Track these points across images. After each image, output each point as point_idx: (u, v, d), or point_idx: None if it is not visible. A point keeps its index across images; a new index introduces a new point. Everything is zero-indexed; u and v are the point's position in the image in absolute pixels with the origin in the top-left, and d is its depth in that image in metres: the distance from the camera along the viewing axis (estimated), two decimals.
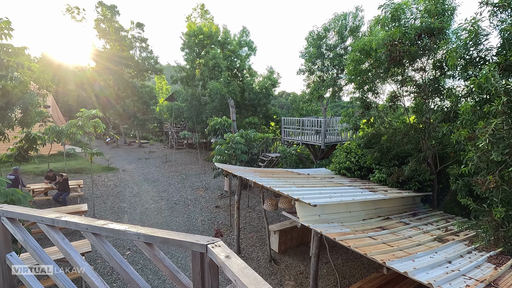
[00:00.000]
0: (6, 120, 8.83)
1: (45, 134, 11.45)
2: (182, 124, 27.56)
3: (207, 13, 26.98)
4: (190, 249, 1.40)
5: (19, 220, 1.88)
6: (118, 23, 25.29)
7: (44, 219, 1.67)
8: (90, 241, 1.60)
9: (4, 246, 1.80)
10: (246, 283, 1.04)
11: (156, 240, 1.47)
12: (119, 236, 1.56)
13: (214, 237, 8.70)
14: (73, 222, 1.61)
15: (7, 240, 1.80)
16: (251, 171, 8.54)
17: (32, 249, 1.72)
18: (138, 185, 15.66)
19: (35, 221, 1.67)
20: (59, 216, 1.66)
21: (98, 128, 11.50)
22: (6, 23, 6.46)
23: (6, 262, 1.80)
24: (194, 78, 22.53)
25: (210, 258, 1.35)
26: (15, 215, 1.75)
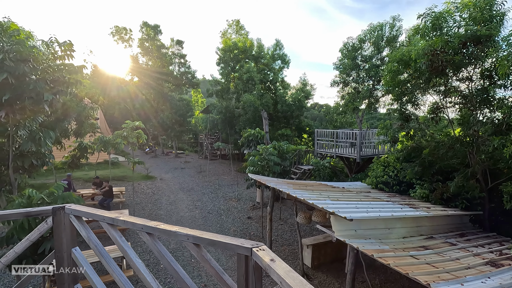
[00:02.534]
0: (63, 131, 9.85)
1: (94, 143, 12.53)
2: (216, 135, 28.40)
3: (241, 28, 27.99)
4: (235, 252, 1.49)
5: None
6: (160, 41, 27.21)
7: (106, 218, 1.88)
8: (144, 240, 1.76)
9: (70, 241, 2.04)
10: (292, 285, 1.09)
11: (203, 242, 1.58)
12: (170, 236, 1.70)
13: None
14: (130, 222, 1.79)
15: (73, 236, 2.04)
16: (284, 183, 8.53)
17: (94, 245, 1.93)
18: (174, 193, 16.31)
19: (98, 219, 1.88)
20: (118, 216, 1.85)
21: (140, 138, 12.33)
22: (69, 45, 7.33)
23: (71, 255, 2.03)
24: (228, 91, 23.30)
25: (255, 260, 1.42)
26: (81, 213, 1.98)
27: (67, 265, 2.04)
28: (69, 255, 2.02)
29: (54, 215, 2.01)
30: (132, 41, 28.17)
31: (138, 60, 28.72)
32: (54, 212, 2.02)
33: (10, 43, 6.33)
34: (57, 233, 2.02)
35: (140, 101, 27.94)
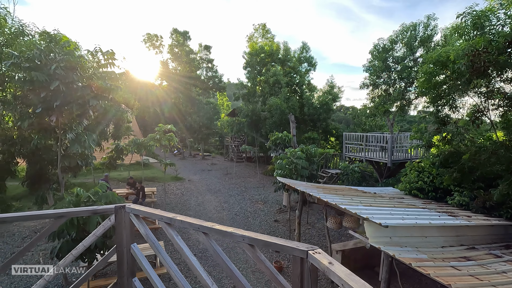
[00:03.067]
0: (103, 134, 10.52)
1: (129, 146, 13.21)
2: (242, 138, 28.75)
3: (268, 32, 28.20)
4: (291, 254, 1.56)
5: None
6: (188, 47, 28.15)
7: (164, 217, 2.04)
8: (200, 239, 1.89)
9: (130, 237, 2.23)
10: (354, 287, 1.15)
11: (259, 243, 1.67)
12: (225, 237, 1.81)
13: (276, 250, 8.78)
14: (187, 222, 1.93)
15: (132, 233, 2.22)
16: (313, 187, 8.49)
17: (151, 241, 2.10)
18: (202, 195, 16.73)
19: (156, 218, 2.05)
20: (175, 216, 2.00)
21: (172, 141, 12.83)
22: (111, 54, 7.86)
23: (130, 251, 2.22)
24: (254, 94, 23.55)
25: (311, 263, 1.49)
26: (140, 212, 2.16)
27: (126, 260, 2.23)
28: (128, 250, 2.21)
29: (116, 213, 2.21)
30: (163, 47, 29.39)
31: (168, 66, 29.88)
32: (116, 210, 2.22)
33: (62, 54, 6.93)
34: (118, 230, 2.22)
35: (169, 105, 29.03)
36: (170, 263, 2.07)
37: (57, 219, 2.07)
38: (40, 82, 6.57)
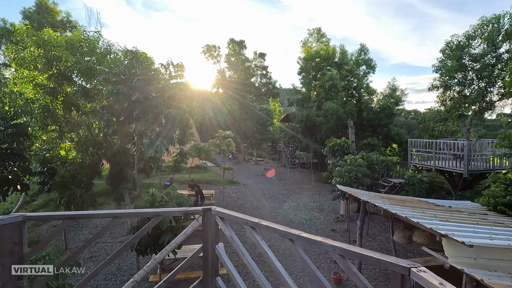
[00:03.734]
0: (170, 139, 11.50)
1: (191, 150, 14.16)
2: (295, 144, 28.55)
3: (323, 36, 27.71)
4: (389, 269, 1.50)
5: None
6: (244, 55, 29.20)
7: (249, 222, 2.14)
8: (288, 246, 1.93)
9: (215, 238, 2.39)
10: None
11: (351, 255, 1.64)
12: (314, 245, 1.82)
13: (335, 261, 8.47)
14: (273, 228, 1.99)
15: (217, 234, 2.38)
16: (378, 197, 7.98)
17: (236, 244, 2.22)
18: (257, 199, 17.00)
19: (242, 222, 2.16)
20: (260, 221, 2.09)
21: (230, 146, 13.41)
22: (180, 66, 8.59)
23: (215, 251, 2.38)
24: (309, 100, 23.25)
25: (415, 281, 1.41)
26: (225, 215, 2.31)
27: (211, 259, 2.39)
28: (213, 250, 2.37)
29: (203, 215, 2.40)
30: (220, 57, 30.96)
31: (225, 74, 31.36)
32: (204, 212, 2.40)
33: (141, 68, 7.83)
34: (204, 231, 2.40)
35: (224, 112, 30.41)
36: (254, 266, 2.16)
37: (156, 217, 2.33)
38: (123, 94, 7.50)
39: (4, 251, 2.17)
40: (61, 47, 8.58)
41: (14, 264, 2.19)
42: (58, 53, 8.55)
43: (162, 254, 2.41)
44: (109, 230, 11.25)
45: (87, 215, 2.43)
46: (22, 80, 9.23)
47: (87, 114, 9.61)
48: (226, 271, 2.55)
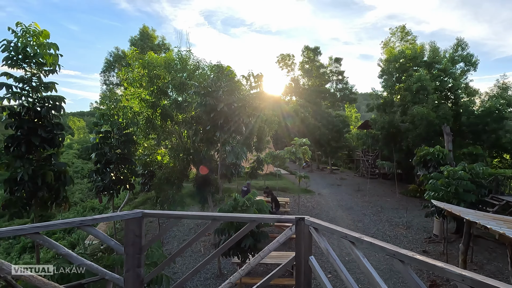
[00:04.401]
0: (248, 146, 12.02)
1: (267, 157, 14.48)
2: (375, 152, 26.41)
3: (408, 34, 25.15)
4: None
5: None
6: (319, 62, 28.69)
7: (348, 236, 2.00)
8: (397, 267, 1.73)
9: (308, 249, 2.33)
10: None
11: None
12: (434, 271, 1.57)
13: None
14: (378, 246, 1.82)
15: (310, 246, 2.32)
16: (488, 218, 6.63)
17: (332, 258, 2.11)
18: (333, 210, 16.23)
19: (340, 236, 2.05)
20: (361, 236, 1.93)
21: (306, 154, 13.21)
22: (260, 77, 8.94)
23: (308, 263, 2.32)
24: (392, 104, 21.25)
25: None
26: (320, 227, 2.23)
27: (304, 271, 2.33)
28: (306, 261, 2.32)
29: (296, 224, 2.37)
30: (294, 65, 31.14)
31: (299, 82, 31.36)
32: (297, 221, 2.37)
33: (225, 81, 8.46)
34: (297, 241, 2.37)
35: (298, 119, 30.27)
36: (353, 284, 2.00)
37: (251, 223, 2.42)
38: (210, 105, 8.20)
39: (128, 242, 2.57)
40: (160, 66, 9.95)
41: (135, 253, 2.56)
42: (158, 72, 9.94)
43: (256, 259, 2.46)
44: (209, 231, 12.32)
45: (191, 216, 2.68)
46: (131, 96, 11.03)
47: (179, 124, 10.84)
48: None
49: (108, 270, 2.46)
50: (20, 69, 6.42)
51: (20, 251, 15.87)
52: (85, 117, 73.67)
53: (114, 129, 8.57)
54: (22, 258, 14.50)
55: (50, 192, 6.56)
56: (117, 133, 8.92)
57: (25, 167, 6.23)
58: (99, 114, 8.92)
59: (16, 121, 6.27)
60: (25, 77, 6.36)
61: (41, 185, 6.34)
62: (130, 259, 2.55)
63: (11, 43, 6.15)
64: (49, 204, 6.76)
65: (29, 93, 6.47)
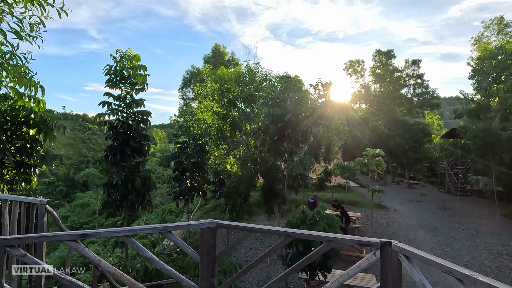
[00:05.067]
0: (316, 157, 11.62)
1: (335, 168, 13.75)
2: (466, 165, 22.72)
3: (507, 26, 21.27)
4: None
5: None
6: (393, 66, 26.40)
7: (454, 271, 1.64)
8: None
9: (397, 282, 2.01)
10: None
11: None
12: None
13: None
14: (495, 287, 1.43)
15: (400, 278, 2.00)
16: None
17: None
18: (413, 230, 14.38)
19: (443, 270, 1.69)
20: (474, 274, 1.55)
21: (380, 166, 12.09)
22: (329, 85, 8.61)
23: None
24: (488, 109, 18.05)
25: None
26: (413, 255, 1.90)
27: None
28: None
29: (382, 249, 2.08)
30: (364, 71, 29.36)
31: (369, 88, 29.37)
32: (382, 246, 2.08)
33: (293, 90, 8.40)
34: (383, 270, 2.07)
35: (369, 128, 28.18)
36: None
37: (328, 243, 2.22)
38: (278, 115, 8.21)
39: (203, 251, 2.64)
40: (231, 80, 10.49)
41: (210, 263, 2.62)
42: (228, 85, 10.49)
43: (333, 284, 2.24)
44: (281, 247, 12.36)
45: (264, 230, 2.61)
46: (204, 109, 11.89)
47: (247, 134, 11.18)
48: None
49: (182, 271, 2.57)
50: (117, 88, 7.54)
51: (114, 245, 18.40)
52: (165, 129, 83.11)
53: (190, 140, 9.30)
54: (115, 251, 16.74)
55: (138, 196, 7.42)
56: (192, 143, 9.67)
57: (119, 173, 7.20)
58: (178, 126, 9.83)
59: (114, 133, 7.33)
60: (121, 96, 7.45)
61: (131, 189, 7.22)
62: (205, 268, 2.61)
63: (112, 67, 7.29)
64: (136, 206, 7.65)
65: (124, 109, 7.52)
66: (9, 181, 5.46)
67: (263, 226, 2.75)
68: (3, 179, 5.35)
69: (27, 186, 5.72)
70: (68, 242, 2.25)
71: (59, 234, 2.23)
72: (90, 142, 70.66)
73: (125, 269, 5.55)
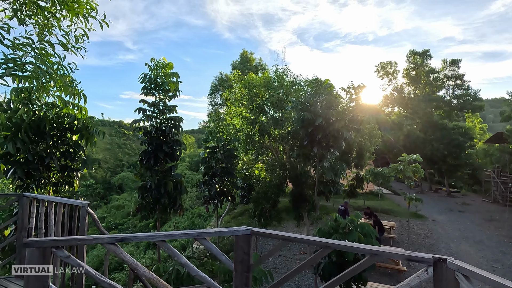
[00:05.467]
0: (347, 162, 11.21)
1: (367, 175, 13.16)
2: None
3: None
4: None
5: None
6: (429, 67, 24.97)
7: None
8: None
9: None
10: None
11: None
12: None
13: None
14: None
15: None
16: None
17: None
18: (455, 242, 13.31)
19: None
20: None
21: (417, 173, 11.35)
22: (362, 87, 8.28)
23: None
24: None
25: None
26: (474, 275, 1.68)
27: None
28: None
29: (434, 266, 1.88)
30: (397, 73, 28.09)
31: (402, 91, 28.00)
32: (435, 263, 1.88)
33: (324, 95, 8.19)
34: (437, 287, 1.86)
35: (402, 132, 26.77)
36: None
37: (372, 256, 2.06)
38: (308, 120, 8.04)
39: (237, 259, 2.58)
40: (260, 85, 10.49)
41: (244, 271, 2.55)
42: (257, 91, 10.50)
43: None
44: (319, 258, 12.09)
45: (301, 240, 2.50)
46: (233, 114, 11.99)
47: (275, 139, 11.08)
48: None
49: (210, 275, 2.53)
50: (151, 96, 7.84)
51: (146, 246, 19.06)
52: (194, 134, 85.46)
53: (220, 145, 9.39)
54: (147, 252, 17.33)
55: (170, 199, 7.60)
56: (222, 148, 9.76)
57: (153, 177, 7.43)
58: (208, 132, 9.99)
59: (148, 139, 7.60)
60: (155, 102, 7.73)
61: (163, 193, 7.42)
62: (239, 276, 2.55)
63: (147, 76, 7.60)
64: (168, 209, 7.83)
65: (157, 115, 7.79)
66: (54, 184, 5.83)
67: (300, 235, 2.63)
68: (50, 181, 5.72)
69: (70, 188, 6.08)
70: (108, 245, 2.30)
71: (100, 237, 2.29)
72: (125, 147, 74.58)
73: (158, 272, 5.66)
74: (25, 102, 5.11)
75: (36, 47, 3.40)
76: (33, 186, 5.45)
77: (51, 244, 2.19)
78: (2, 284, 4.18)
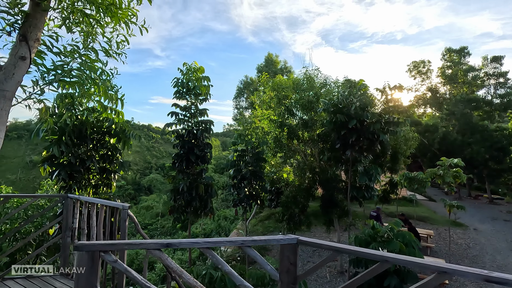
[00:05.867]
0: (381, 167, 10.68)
1: (401, 179, 12.48)
2: None
3: None
4: None
5: None
6: (467, 65, 23.39)
7: None
8: None
9: None
10: None
11: None
12: None
13: None
14: None
15: None
16: None
17: None
18: (502, 254, 12.23)
19: None
20: None
21: (459, 178, 10.58)
22: (399, 87, 7.84)
23: None
24: None
25: None
26: None
27: None
28: None
29: None
30: (431, 72, 26.61)
31: (437, 91, 26.46)
32: None
33: (358, 96, 7.86)
34: None
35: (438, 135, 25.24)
36: None
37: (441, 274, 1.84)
38: (341, 122, 7.75)
39: (283, 269, 2.45)
40: (289, 87, 10.32)
41: (290, 282, 2.41)
42: (286, 93, 10.34)
43: None
44: (375, 274, 11.71)
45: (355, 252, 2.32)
46: (261, 117, 11.91)
47: (304, 142, 10.84)
48: None
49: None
50: (183, 100, 7.97)
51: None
52: (219, 137, 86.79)
53: (249, 148, 9.33)
54: (176, 253, 17.67)
55: (201, 202, 7.64)
56: (251, 151, 9.70)
57: (185, 179, 7.52)
58: (237, 134, 9.97)
59: (180, 142, 7.72)
60: (187, 106, 7.85)
61: (195, 195, 7.48)
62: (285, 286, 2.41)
63: (179, 80, 7.74)
64: (199, 212, 7.89)
65: (189, 119, 7.89)
66: (94, 185, 6.06)
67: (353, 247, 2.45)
68: (90, 183, 5.96)
69: (107, 190, 6.29)
70: (153, 251, 2.26)
71: (145, 242, 2.26)
72: (154, 150, 77.42)
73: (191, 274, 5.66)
74: (69, 107, 5.36)
75: (82, 54, 3.52)
76: (75, 187, 5.69)
77: (100, 248, 2.19)
78: (48, 282, 4.36)
